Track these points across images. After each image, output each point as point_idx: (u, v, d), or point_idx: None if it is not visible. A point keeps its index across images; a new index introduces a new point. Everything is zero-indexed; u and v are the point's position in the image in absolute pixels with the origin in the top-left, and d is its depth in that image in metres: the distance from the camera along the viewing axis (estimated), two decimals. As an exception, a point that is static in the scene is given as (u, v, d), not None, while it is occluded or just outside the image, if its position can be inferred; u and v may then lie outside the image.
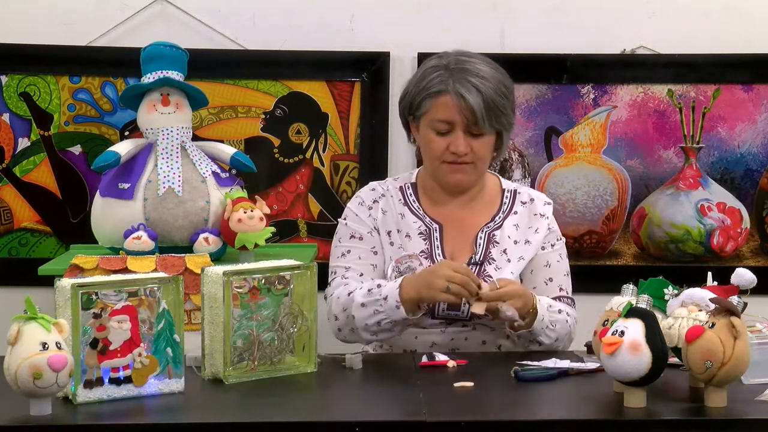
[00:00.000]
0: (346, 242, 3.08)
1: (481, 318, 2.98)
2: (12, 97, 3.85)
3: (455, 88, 2.95)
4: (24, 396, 2.31)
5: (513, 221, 3.09)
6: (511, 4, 3.89)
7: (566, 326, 2.99)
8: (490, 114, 2.96)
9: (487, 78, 2.97)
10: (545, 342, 2.95)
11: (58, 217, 3.89)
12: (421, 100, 3.01)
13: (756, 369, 2.46)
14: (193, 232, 3.32)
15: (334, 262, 3.09)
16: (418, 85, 3.03)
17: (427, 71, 3.03)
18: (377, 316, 2.90)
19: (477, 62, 3.01)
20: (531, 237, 3.08)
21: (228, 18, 3.86)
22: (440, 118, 2.99)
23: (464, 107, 2.95)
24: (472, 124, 2.97)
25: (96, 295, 2.44)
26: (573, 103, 3.91)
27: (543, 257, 3.08)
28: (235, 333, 2.62)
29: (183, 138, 3.38)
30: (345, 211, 3.15)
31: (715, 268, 2.67)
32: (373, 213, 3.09)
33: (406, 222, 3.07)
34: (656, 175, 3.93)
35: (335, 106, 3.89)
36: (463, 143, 2.98)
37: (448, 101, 2.97)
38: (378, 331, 2.92)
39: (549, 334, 2.94)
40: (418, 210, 3.09)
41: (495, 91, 2.96)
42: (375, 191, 3.13)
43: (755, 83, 3.90)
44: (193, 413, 2.45)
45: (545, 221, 3.10)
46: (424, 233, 3.06)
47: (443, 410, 2.42)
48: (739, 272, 2.48)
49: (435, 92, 2.98)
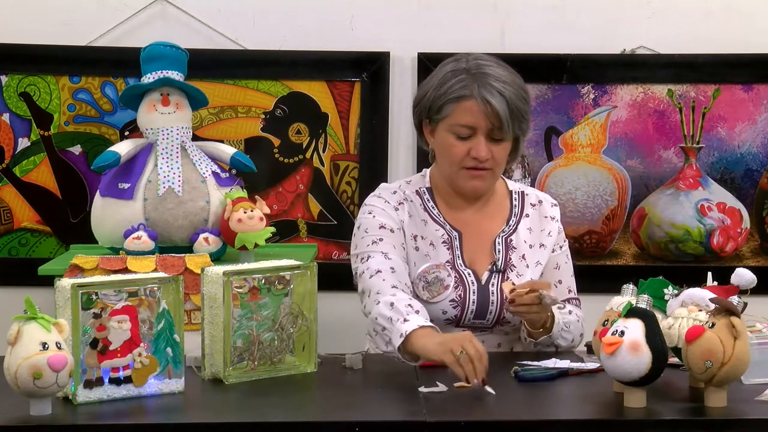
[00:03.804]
0: (376, 231, 2.99)
1: (503, 325, 3.00)
2: (12, 97, 3.85)
3: (480, 93, 2.92)
4: (24, 396, 2.31)
5: (526, 225, 3.08)
6: (511, 4, 3.89)
7: (578, 326, 3.00)
8: (514, 119, 2.93)
9: (509, 83, 2.95)
10: (562, 345, 2.96)
11: (58, 217, 3.89)
12: (442, 104, 2.96)
13: (756, 369, 2.46)
14: (193, 232, 3.32)
15: (363, 249, 2.98)
16: (438, 89, 2.97)
17: (446, 75, 2.98)
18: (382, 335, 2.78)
19: (495, 66, 2.98)
20: (545, 240, 3.08)
21: (228, 18, 3.86)
22: (463, 123, 2.95)
23: (490, 112, 2.92)
24: (497, 130, 2.93)
25: (96, 295, 2.44)
26: (573, 103, 3.91)
27: (553, 259, 3.09)
28: (235, 333, 2.62)
29: (183, 138, 3.38)
30: (367, 207, 3.05)
31: (715, 268, 2.67)
32: (399, 214, 3.02)
33: (429, 229, 3.03)
34: (656, 175, 3.93)
35: (335, 106, 3.89)
36: (485, 149, 2.94)
37: (473, 106, 2.93)
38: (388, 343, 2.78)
39: (565, 336, 2.95)
40: (439, 217, 3.05)
41: (517, 96, 2.94)
42: (397, 194, 3.06)
43: (755, 83, 3.90)
44: (193, 413, 2.46)
45: (555, 224, 3.11)
46: (447, 242, 3.02)
47: (443, 410, 2.42)
48: (739, 272, 2.48)
49: (458, 97, 2.94)
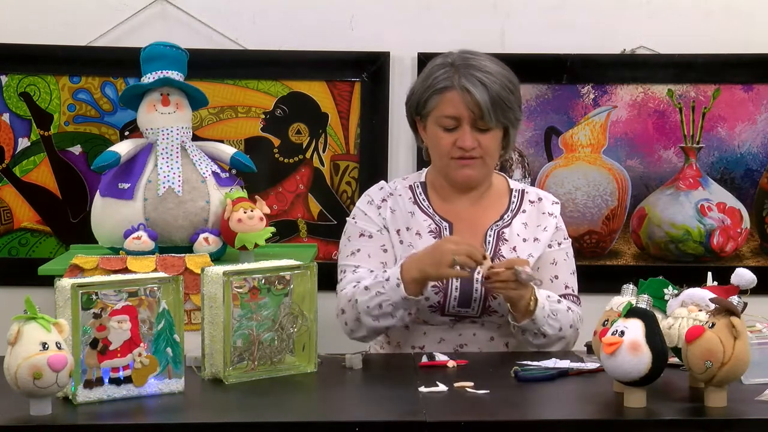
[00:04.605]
0: (356, 241, 3.09)
1: (491, 315, 3.00)
2: (12, 97, 3.85)
3: (461, 83, 2.98)
4: (24, 396, 2.31)
5: (522, 219, 3.10)
6: (511, 4, 3.89)
7: (568, 316, 2.99)
8: (496, 108, 2.98)
9: (492, 73, 3.00)
10: (549, 332, 2.94)
11: (58, 217, 3.89)
12: (428, 98, 3.03)
13: (756, 369, 2.46)
14: (193, 232, 3.32)
15: (343, 261, 3.10)
16: (423, 83, 3.05)
17: (432, 69, 3.05)
18: (378, 298, 2.91)
19: (482, 59, 3.04)
20: (540, 235, 3.09)
21: (228, 18, 3.86)
22: (447, 114, 3.00)
23: (470, 101, 2.97)
24: (479, 119, 2.98)
25: (96, 295, 2.44)
26: (573, 103, 3.91)
27: (549, 255, 3.09)
28: (235, 333, 2.62)
29: (183, 138, 3.38)
30: (354, 210, 3.15)
31: (715, 268, 2.67)
32: (382, 212, 3.09)
33: (416, 220, 3.08)
34: (656, 175, 3.93)
35: (335, 106, 3.89)
36: (470, 138, 3.00)
37: (454, 96, 2.99)
38: (379, 316, 2.92)
39: (552, 323, 2.94)
40: (428, 209, 3.10)
41: (500, 86, 2.99)
42: (383, 190, 3.14)
43: (755, 83, 3.90)
44: (193, 413, 2.45)
45: (553, 220, 3.12)
46: (434, 231, 3.06)
47: (443, 410, 2.42)
48: (739, 272, 2.48)
49: (441, 88, 3.00)
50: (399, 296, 2.89)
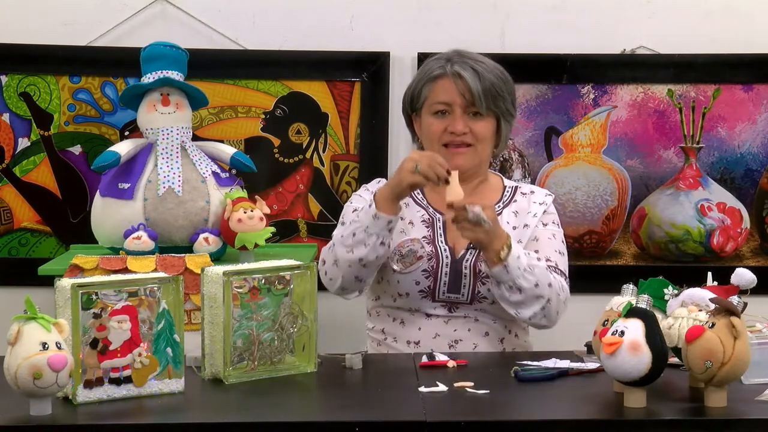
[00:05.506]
0: (349, 217, 3.09)
1: (481, 302, 3.02)
2: (12, 97, 3.85)
3: (453, 69, 3.05)
4: (24, 396, 2.31)
5: (512, 209, 3.13)
6: (511, 4, 3.89)
7: (546, 274, 2.96)
8: (487, 95, 3.04)
9: (485, 63, 3.08)
10: (525, 286, 2.91)
11: (58, 217, 3.89)
12: (421, 88, 3.10)
13: (756, 369, 2.46)
14: (193, 232, 3.32)
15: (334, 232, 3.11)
16: (418, 76, 3.13)
17: (426, 63, 3.14)
18: (352, 227, 2.95)
19: (477, 55, 3.11)
20: (529, 221, 3.11)
21: (228, 18, 3.87)
22: (439, 100, 3.07)
23: (462, 86, 3.04)
24: (470, 104, 3.04)
25: (96, 295, 2.44)
26: (573, 103, 3.91)
27: (533, 232, 3.10)
28: (235, 333, 2.61)
29: (183, 138, 3.38)
30: (351, 197, 3.21)
31: (715, 268, 2.67)
32: None
33: (410, 210, 3.12)
34: (656, 175, 3.93)
35: (335, 106, 3.89)
36: (461, 122, 3.05)
37: (446, 83, 3.06)
38: (353, 246, 2.94)
39: (528, 277, 2.91)
40: (422, 201, 3.15)
41: (493, 75, 3.06)
42: (381, 183, 3.16)
43: (755, 83, 3.90)
44: (193, 413, 2.45)
45: (542, 207, 3.14)
46: (427, 221, 3.10)
47: (443, 410, 2.42)
48: (739, 272, 2.48)
49: (434, 77, 3.08)
50: (370, 216, 2.91)
